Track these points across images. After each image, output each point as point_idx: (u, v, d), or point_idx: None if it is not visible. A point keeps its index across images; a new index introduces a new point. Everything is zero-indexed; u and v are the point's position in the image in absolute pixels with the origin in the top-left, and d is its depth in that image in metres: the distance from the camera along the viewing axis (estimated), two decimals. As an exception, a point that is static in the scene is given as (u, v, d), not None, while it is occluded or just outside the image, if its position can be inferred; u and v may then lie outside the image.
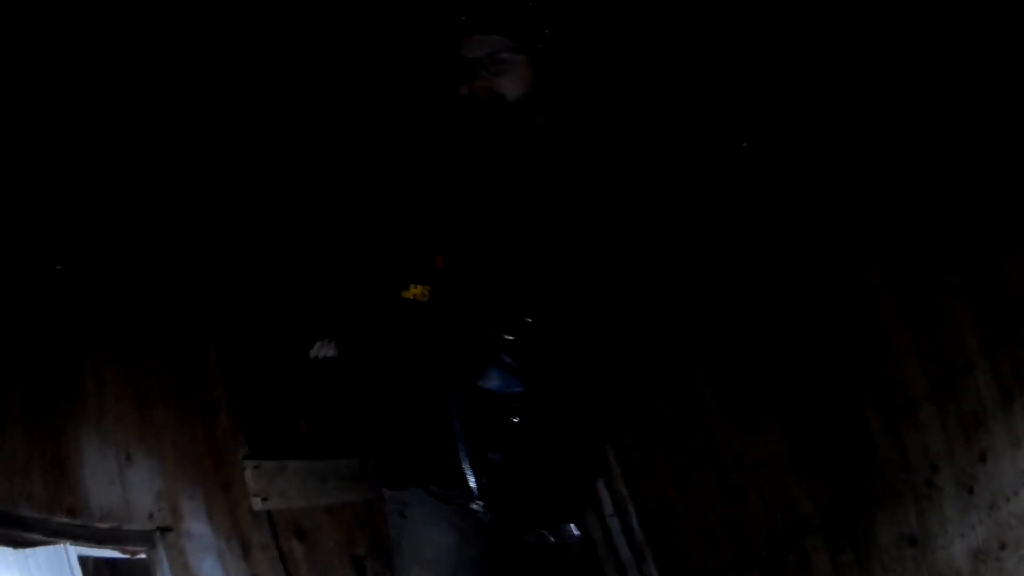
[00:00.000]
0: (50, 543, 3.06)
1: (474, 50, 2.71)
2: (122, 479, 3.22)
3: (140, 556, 3.31)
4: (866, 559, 3.86)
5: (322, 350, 3.09)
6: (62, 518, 3.08)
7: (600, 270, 3.02)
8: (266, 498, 3.45)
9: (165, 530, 3.25)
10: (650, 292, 4.17)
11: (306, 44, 3.85)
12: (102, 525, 3.16)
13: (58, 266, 3.28)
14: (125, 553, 3.32)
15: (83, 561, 3.27)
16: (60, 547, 3.19)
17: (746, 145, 3.98)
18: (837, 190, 3.96)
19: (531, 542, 2.86)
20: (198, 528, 3.32)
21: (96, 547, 3.26)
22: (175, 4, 3.59)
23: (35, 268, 3.25)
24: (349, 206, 3.57)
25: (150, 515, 3.24)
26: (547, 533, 2.83)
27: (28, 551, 3.01)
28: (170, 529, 3.25)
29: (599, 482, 4.31)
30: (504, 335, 2.67)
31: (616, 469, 4.39)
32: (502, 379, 2.71)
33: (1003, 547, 3.59)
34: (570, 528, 2.91)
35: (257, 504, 3.43)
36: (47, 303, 3.27)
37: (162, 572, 3.24)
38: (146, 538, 3.26)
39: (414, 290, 2.72)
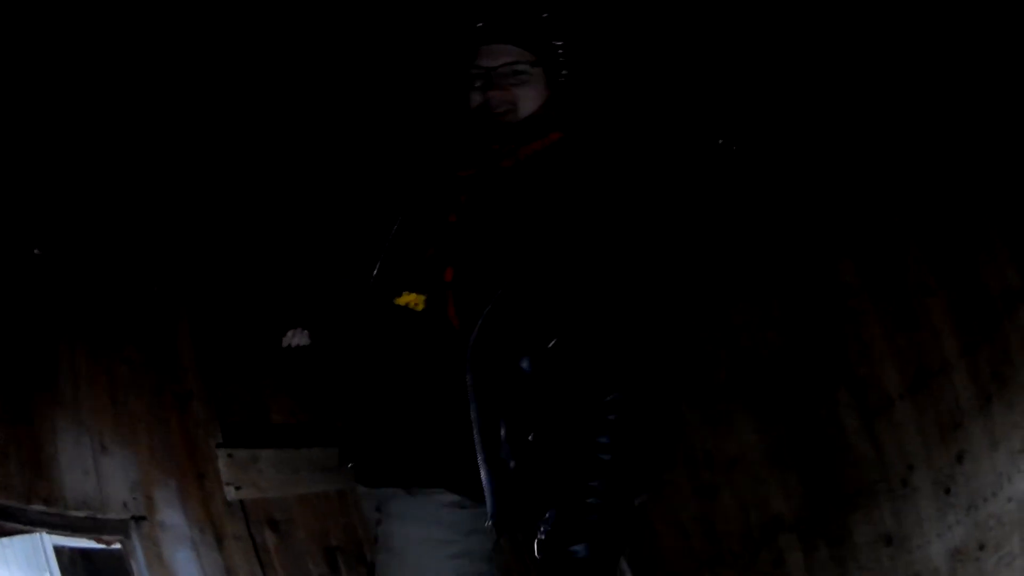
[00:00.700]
0: (27, 532, 3.17)
1: (490, 59, 2.66)
2: (97, 469, 3.32)
3: (115, 546, 3.39)
4: (841, 557, 3.94)
5: (295, 339, 3.14)
6: (39, 507, 3.17)
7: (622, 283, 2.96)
8: (239, 487, 3.57)
9: (140, 520, 3.34)
10: (628, 289, 4.27)
11: (303, 39, 3.97)
12: (77, 514, 3.25)
13: (36, 250, 3.41)
14: (100, 543, 3.42)
15: (59, 551, 3.40)
16: (36, 537, 3.32)
17: (722, 142, 4.09)
18: (814, 189, 4.04)
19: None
20: (172, 518, 3.42)
21: (72, 536, 3.34)
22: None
23: (9, 257, 3.35)
24: (337, 204, 3.70)
25: (124, 504, 3.34)
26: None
27: (5, 540, 3.13)
28: (145, 519, 3.35)
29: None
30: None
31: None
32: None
33: (982, 547, 3.65)
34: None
35: (231, 494, 3.54)
36: (21, 292, 3.35)
37: (136, 562, 3.33)
38: (121, 528, 3.35)
39: (407, 297, 2.71)
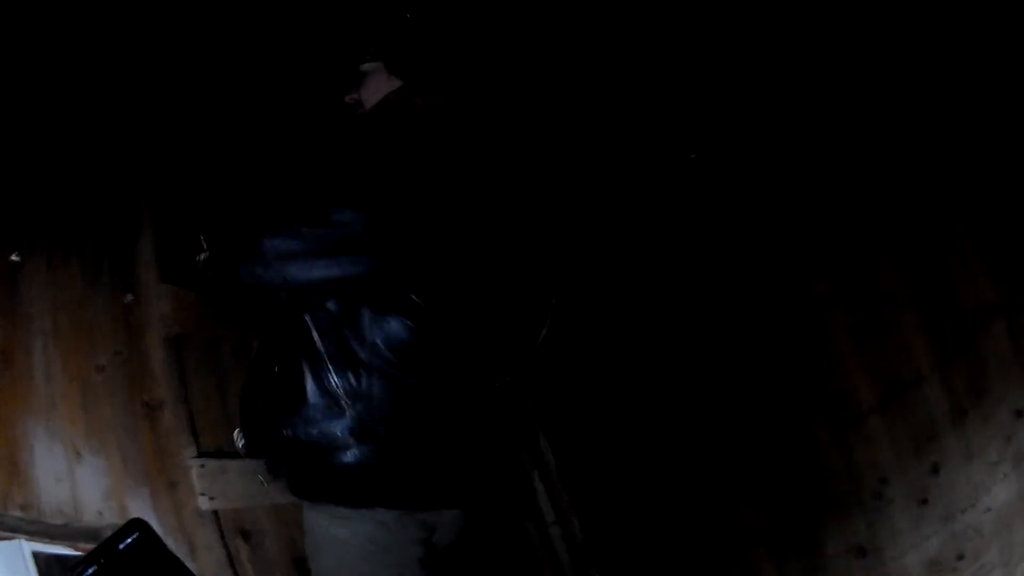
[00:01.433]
0: (6, 538, 3.27)
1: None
2: (71, 477, 3.39)
3: (92, 552, 3.57)
4: (812, 569, 4.09)
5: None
6: (16, 513, 3.23)
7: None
8: (212, 498, 3.63)
9: (114, 528, 3.52)
10: (598, 298, 4.46)
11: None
12: (54, 522, 3.32)
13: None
14: (77, 550, 3.52)
15: (36, 557, 3.50)
16: (16, 543, 3.43)
17: (694, 156, 4.24)
18: (785, 202, 4.20)
19: None
20: None
21: (49, 543, 3.45)
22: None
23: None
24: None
25: (99, 513, 3.42)
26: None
27: (-7, 543, 3.24)
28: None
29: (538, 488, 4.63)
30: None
31: (558, 478, 4.60)
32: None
33: (960, 558, 3.79)
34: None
35: (204, 504, 3.61)
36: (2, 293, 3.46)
37: None
38: (96, 535, 3.36)
39: None
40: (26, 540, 3.28)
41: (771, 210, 4.25)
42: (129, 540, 2.28)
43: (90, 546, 3.38)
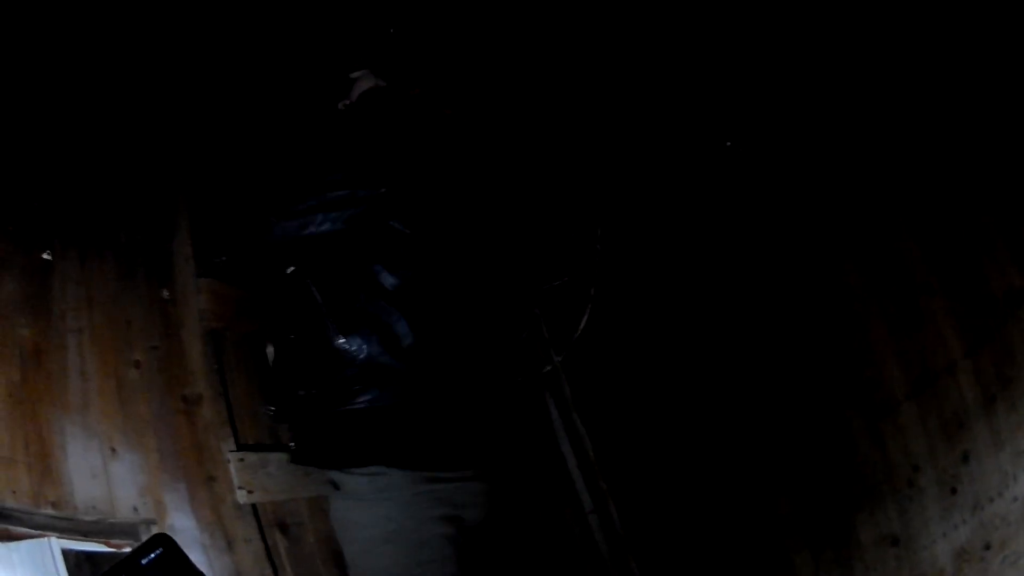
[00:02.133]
0: (35, 536, 3.27)
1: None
2: (106, 472, 3.41)
3: (125, 550, 3.53)
4: (847, 559, 4.07)
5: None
6: (47, 511, 3.24)
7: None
8: (251, 491, 3.68)
9: (150, 523, 3.43)
10: (636, 288, 4.47)
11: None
12: (87, 518, 3.33)
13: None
14: (110, 547, 3.51)
15: (65, 555, 3.49)
16: (44, 541, 3.41)
17: (730, 144, 4.24)
18: (816, 192, 4.18)
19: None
20: (182, 522, 3.52)
21: (81, 540, 3.45)
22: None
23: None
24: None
25: (134, 508, 3.43)
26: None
27: (12, 545, 3.22)
28: (154, 522, 3.43)
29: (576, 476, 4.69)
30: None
31: (596, 466, 4.65)
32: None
33: (987, 547, 3.74)
34: None
35: (242, 497, 3.65)
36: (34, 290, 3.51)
37: None
38: (131, 531, 3.43)
39: None
40: (56, 538, 3.29)
41: (807, 202, 4.24)
42: (153, 555, 2.26)
43: (124, 542, 3.42)
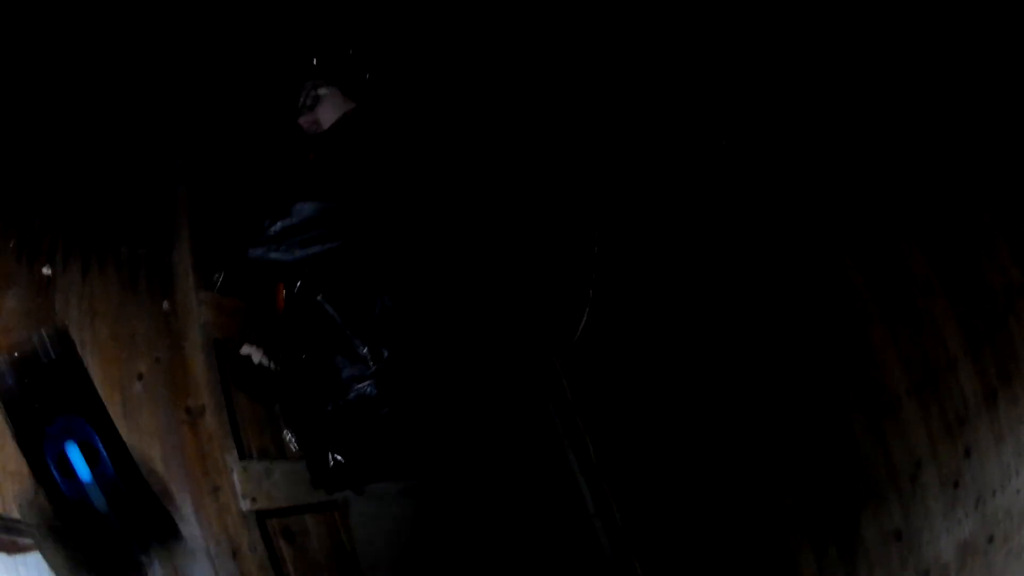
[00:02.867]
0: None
1: (302, 95, 3.71)
2: None
3: (129, 558, 3.58)
4: (851, 555, 4.08)
5: (252, 351, 3.53)
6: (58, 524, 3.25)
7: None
8: (254, 499, 3.70)
9: None
10: (637, 288, 4.46)
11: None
12: None
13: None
14: (121, 558, 3.58)
15: (80, 566, 3.51)
16: (44, 554, 3.43)
17: (726, 143, 4.22)
18: (817, 192, 4.16)
19: None
20: (188, 531, 3.52)
21: (95, 551, 3.53)
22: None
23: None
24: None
25: None
26: None
27: (19, 557, 3.23)
28: None
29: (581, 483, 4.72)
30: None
31: (599, 468, 4.68)
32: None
33: (991, 540, 3.76)
34: None
35: (246, 505, 3.67)
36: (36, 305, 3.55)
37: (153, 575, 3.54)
38: None
39: None
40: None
41: (807, 200, 4.22)
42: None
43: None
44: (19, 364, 3.07)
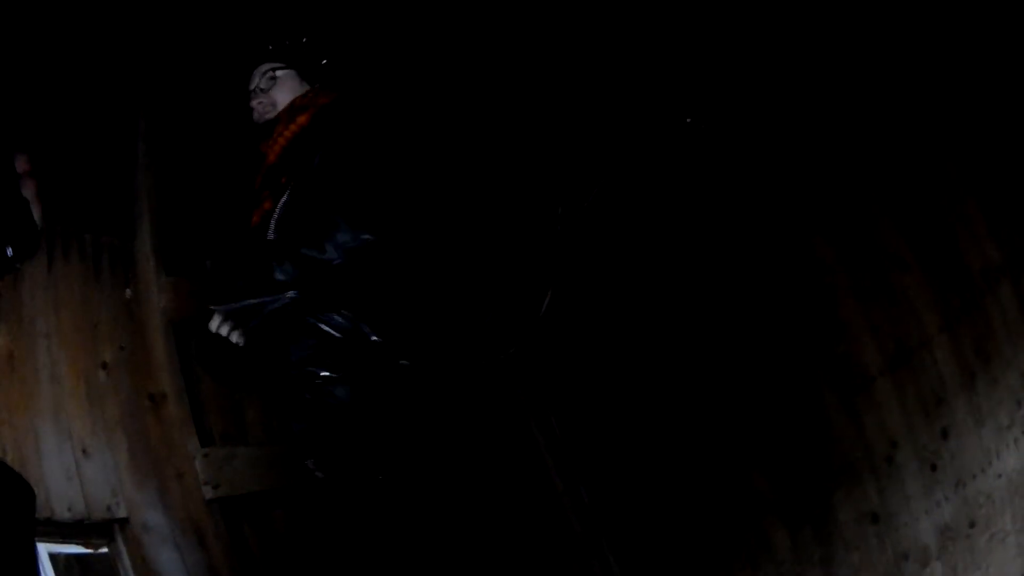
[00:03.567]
0: (17, 540, 3.35)
1: (252, 80, 3.61)
2: (80, 474, 3.48)
3: (103, 550, 3.62)
4: (827, 536, 3.98)
5: (221, 327, 3.48)
6: None
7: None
8: (217, 485, 3.73)
9: (123, 522, 3.51)
10: (602, 266, 4.37)
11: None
12: (64, 520, 3.41)
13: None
14: (88, 547, 3.60)
15: (54, 559, 3.57)
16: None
17: (690, 120, 4.08)
18: (787, 163, 4.04)
19: None
20: (154, 519, 3.60)
21: (61, 542, 3.56)
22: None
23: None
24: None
25: (108, 508, 3.51)
26: None
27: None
28: (127, 522, 3.52)
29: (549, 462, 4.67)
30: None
31: (566, 448, 4.61)
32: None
33: (972, 525, 3.66)
34: None
35: (208, 492, 3.70)
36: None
37: (123, 565, 3.51)
38: (106, 531, 3.53)
39: None
40: (38, 542, 3.34)
41: (774, 174, 4.11)
42: None
43: (100, 542, 3.48)
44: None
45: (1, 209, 1.70)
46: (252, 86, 3.59)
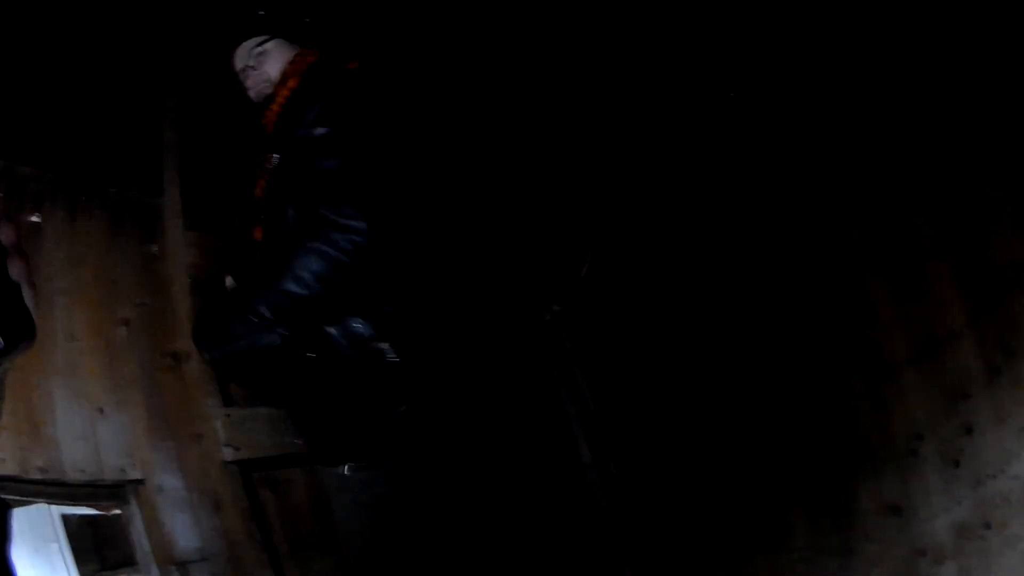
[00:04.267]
0: (26, 503, 3.27)
1: (240, 60, 3.44)
2: (94, 434, 3.43)
3: (115, 512, 3.56)
4: (846, 526, 3.98)
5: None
6: (36, 476, 3.25)
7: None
8: (238, 448, 3.70)
9: (137, 485, 3.47)
10: (639, 240, 4.37)
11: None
12: (75, 482, 3.35)
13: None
14: (100, 509, 3.54)
15: (66, 519, 3.50)
16: (44, 508, 3.41)
17: (733, 95, 4.04)
18: (828, 153, 4.01)
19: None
20: (170, 481, 3.55)
21: (71, 504, 3.50)
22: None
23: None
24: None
25: (122, 469, 3.46)
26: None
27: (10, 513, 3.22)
28: (142, 483, 3.47)
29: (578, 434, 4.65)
30: None
31: (597, 421, 4.59)
32: None
33: (988, 526, 3.65)
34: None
35: (228, 454, 3.67)
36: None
37: (135, 528, 3.46)
38: (119, 493, 3.49)
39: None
40: (47, 503, 3.27)
41: (815, 163, 4.07)
42: None
43: (112, 504, 3.41)
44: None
45: None
46: (240, 67, 3.46)
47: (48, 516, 3.42)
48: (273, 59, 3.35)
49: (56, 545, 3.58)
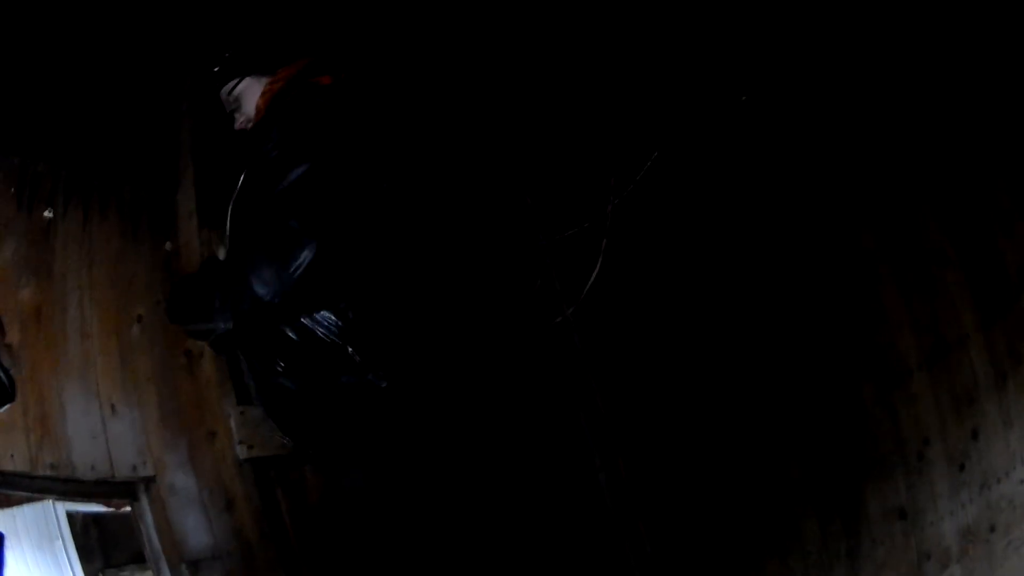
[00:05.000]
0: (35, 500, 3.25)
1: (225, 106, 3.50)
2: (106, 432, 3.44)
3: (125, 509, 3.54)
4: (855, 530, 3.96)
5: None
6: (46, 473, 3.27)
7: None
8: (251, 446, 3.67)
9: (148, 482, 3.48)
10: (649, 243, 4.39)
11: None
12: (86, 479, 3.37)
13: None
14: (110, 507, 3.53)
15: (72, 518, 3.47)
16: (48, 505, 3.39)
17: (745, 99, 4.03)
18: (841, 159, 3.99)
19: None
20: (182, 480, 3.56)
21: (82, 502, 3.48)
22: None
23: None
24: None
25: (134, 467, 3.47)
26: None
27: (13, 510, 3.20)
28: (153, 481, 3.48)
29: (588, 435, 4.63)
30: None
31: (606, 422, 4.53)
32: None
33: (992, 529, 3.66)
34: None
35: (243, 452, 3.65)
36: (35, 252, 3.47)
37: (146, 526, 3.48)
38: (130, 491, 3.50)
39: None
40: (56, 501, 3.26)
41: (828, 169, 4.04)
42: None
43: (123, 502, 3.40)
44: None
45: None
46: (227, 111, 3.53)
47: (52, 514, 3.40)
48: (246, 98, 3.41)
49: (60, 543, 3.56)
